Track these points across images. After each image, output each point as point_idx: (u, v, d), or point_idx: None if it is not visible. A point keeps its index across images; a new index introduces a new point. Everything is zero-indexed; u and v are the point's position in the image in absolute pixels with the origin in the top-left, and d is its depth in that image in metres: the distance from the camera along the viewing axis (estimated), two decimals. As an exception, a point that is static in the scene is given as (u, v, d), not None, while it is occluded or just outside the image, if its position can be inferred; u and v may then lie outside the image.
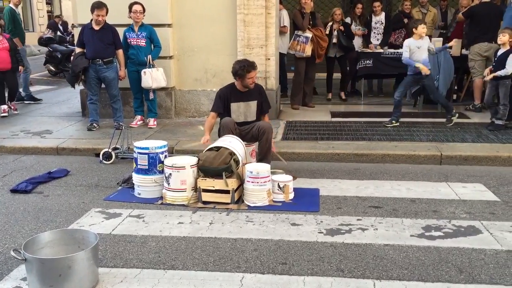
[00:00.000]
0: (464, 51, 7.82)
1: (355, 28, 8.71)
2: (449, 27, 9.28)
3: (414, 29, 6.74)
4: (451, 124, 6.65)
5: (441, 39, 8.11)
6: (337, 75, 8.87)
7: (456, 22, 8.71)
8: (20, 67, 7.96)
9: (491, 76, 6.34)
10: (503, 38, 6.32)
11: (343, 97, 8.79)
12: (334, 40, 8.22)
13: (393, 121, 6.71)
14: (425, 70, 6.50)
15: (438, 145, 5.82)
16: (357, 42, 8.76)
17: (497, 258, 3.31)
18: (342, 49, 8.37)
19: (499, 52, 6.41)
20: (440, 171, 5.25)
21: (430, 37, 8.72)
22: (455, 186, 4.78)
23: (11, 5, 8.75)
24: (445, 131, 6.43)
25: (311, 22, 7.79)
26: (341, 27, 8.21)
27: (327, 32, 8.19)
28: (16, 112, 8.00)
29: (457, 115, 6.78)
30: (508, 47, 6.29)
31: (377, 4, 8.58)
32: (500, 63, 6.28)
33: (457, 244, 3.51)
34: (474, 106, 7.56)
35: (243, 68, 4.89)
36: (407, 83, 6.81)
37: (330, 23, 8.25)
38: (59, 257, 2.92)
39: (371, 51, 8.50)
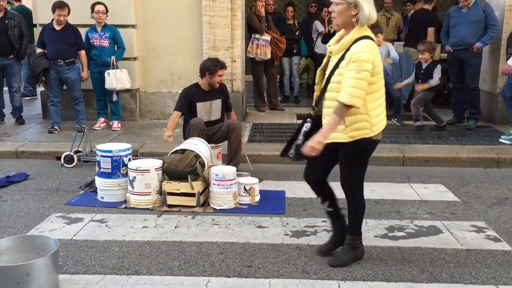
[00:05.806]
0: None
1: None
2: (401, 31, 9.49)
3: None
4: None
5: (403, 42, 8.28)
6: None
7: (407, 26, 8.90)
8: None
9: (424, 87, 6.48)
10: (424, 56, 6.51)
11: None
12: None
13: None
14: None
15: (401, 147, 5.94)
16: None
17: (457, 258, 3.40)
18: None
19: (423, 66, 6.58)
20: (402, 173, 5.36)
21: (394, 41, 8.89)
22: (417, 187, 4.88)
23: None
24: (407, 133, 6.57)
25: (267, 25, 7.76)
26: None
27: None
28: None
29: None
30: (430, 61, 6.54)
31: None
32: (428, 74, 6.49)
33: (419, 244, 3.59)
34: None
35: (216, 64, 4.97)
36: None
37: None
38: (17, 264, 2.81)
39: None
